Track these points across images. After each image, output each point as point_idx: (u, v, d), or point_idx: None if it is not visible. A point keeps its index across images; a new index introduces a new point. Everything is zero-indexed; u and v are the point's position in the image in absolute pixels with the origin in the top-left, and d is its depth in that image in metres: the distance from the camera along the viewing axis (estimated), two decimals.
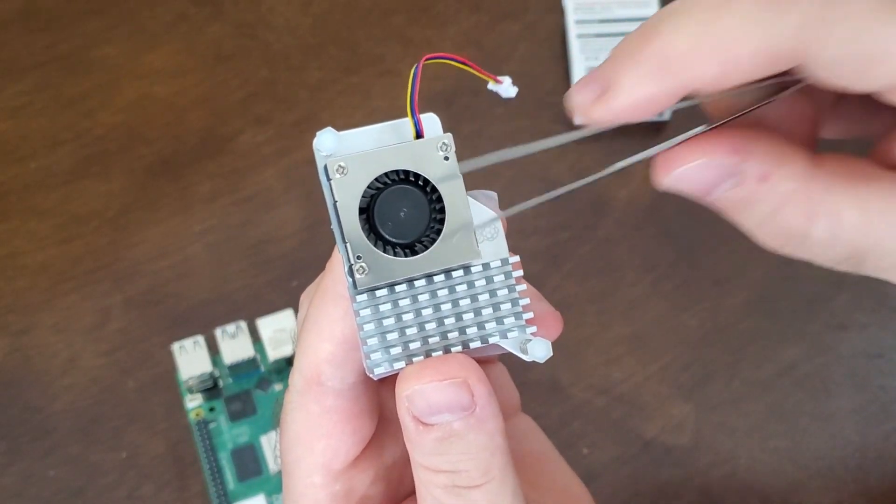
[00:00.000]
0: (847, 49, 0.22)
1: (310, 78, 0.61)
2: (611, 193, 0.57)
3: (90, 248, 0.55)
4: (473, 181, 0.26)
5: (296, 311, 0.49)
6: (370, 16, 0.63)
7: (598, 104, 0.24)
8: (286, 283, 0.54)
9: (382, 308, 0.26)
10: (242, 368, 0.48)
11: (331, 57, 0.61)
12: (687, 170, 0.24)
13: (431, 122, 0.26)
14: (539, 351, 0.26)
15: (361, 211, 0.26)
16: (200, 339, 0.48)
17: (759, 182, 0.24)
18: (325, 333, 0.28)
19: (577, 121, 0.24)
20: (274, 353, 0.48)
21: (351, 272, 0.25)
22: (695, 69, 0.23)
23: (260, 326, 0.48)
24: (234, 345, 0.48)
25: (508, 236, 0.27)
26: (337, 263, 0.27)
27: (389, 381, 0.28)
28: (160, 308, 0.53)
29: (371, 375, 0.26)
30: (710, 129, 0.25)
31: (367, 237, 0.25)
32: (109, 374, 0.51)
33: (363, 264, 0.25)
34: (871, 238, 0.24)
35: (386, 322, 0.26)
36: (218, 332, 0.48)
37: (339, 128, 0.25)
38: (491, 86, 0.27)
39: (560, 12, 0.62)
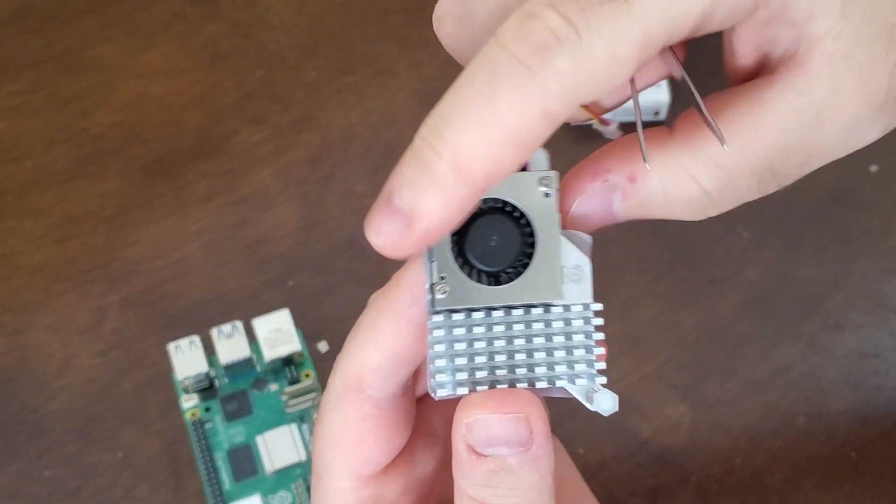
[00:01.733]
0: None
1: (306, 78, 0.61)
2: None
3: (86, 247, 0.55)
4: None
5: (292, 311, 0.49)
6: (366, 16, 0.63)
7: (407, 239, 0.23)
8: (282, 283, 0.54)
9: (456, 332, 0.26)
10: (238, 368, 0.48)
11: (327, 57, 0.61)
12: (577, 210, 0.26)
13: (539, 156, 0.26)
14: (605, 403, 0.26)
15: (453, 233, 0.26)
16: (196, 339, 0.48)
17: (632, 182, 0.26)
18: (377, 344, 0.28)
19: (388, 255, 0.24)
20: (270, 353, 0.48)
21: (432, 290, 0.26)
22: (490, 160, 0.22)
23: (256, 326, 0.48)
24: (230, 345, 0.48)
25: None
26: (407, 279, 0.27)
27: (435, 401, 0.28)
28: (156, 308, 0.53)
29: (433, 395, 0.26)
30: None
31: (455, 259, 0.26)
32: (105, 374, 0.51)
33: (445, 285, 0.25)
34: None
35: (457, 346, 0.26)
36: (214, 332, 0.48)
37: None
38: (595, 125, 0.28)
39: None
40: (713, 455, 0.50)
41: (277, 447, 0.47)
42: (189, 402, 0.49)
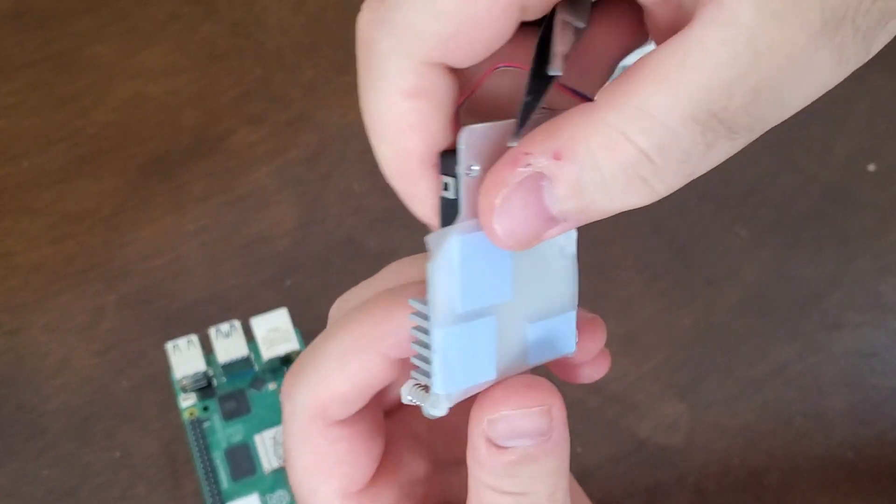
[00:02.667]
0: None
1: (303, 77, 0.61)
2: None
3: (83, 247, 0.55)
4: None
5: (290, 310, 0.49)
6: None
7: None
8: (280, 283, 0.54)
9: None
10: (236, 367, 0.48)
11: (324, 56, 0.61)
12: (503, 208, 0.23)
13: (459, 138, 0.23)
14: (432, 408, 0.25)
15: None
16: (194, 338, 0.48)
17: (558, 159, 0.22)
18: (349, 373, 0.27)
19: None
20: (268, 352, 0.48)
21: None
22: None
23: (254, 325, 0.48)
24: (228, 344, 0.48)
25: None
26: (397, 321, 0.26)
27: (405, 406, 0.28)
28: (153, 307, 0.53)
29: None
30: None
31: None
32: (102, 373, 0.51)
33: None
34: None
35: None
36: (212, 331, 0.48)
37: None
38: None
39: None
40: (710, 455, 0.50)
41: (276, 446, 0.47)
42: (187, 402, 0.49)
